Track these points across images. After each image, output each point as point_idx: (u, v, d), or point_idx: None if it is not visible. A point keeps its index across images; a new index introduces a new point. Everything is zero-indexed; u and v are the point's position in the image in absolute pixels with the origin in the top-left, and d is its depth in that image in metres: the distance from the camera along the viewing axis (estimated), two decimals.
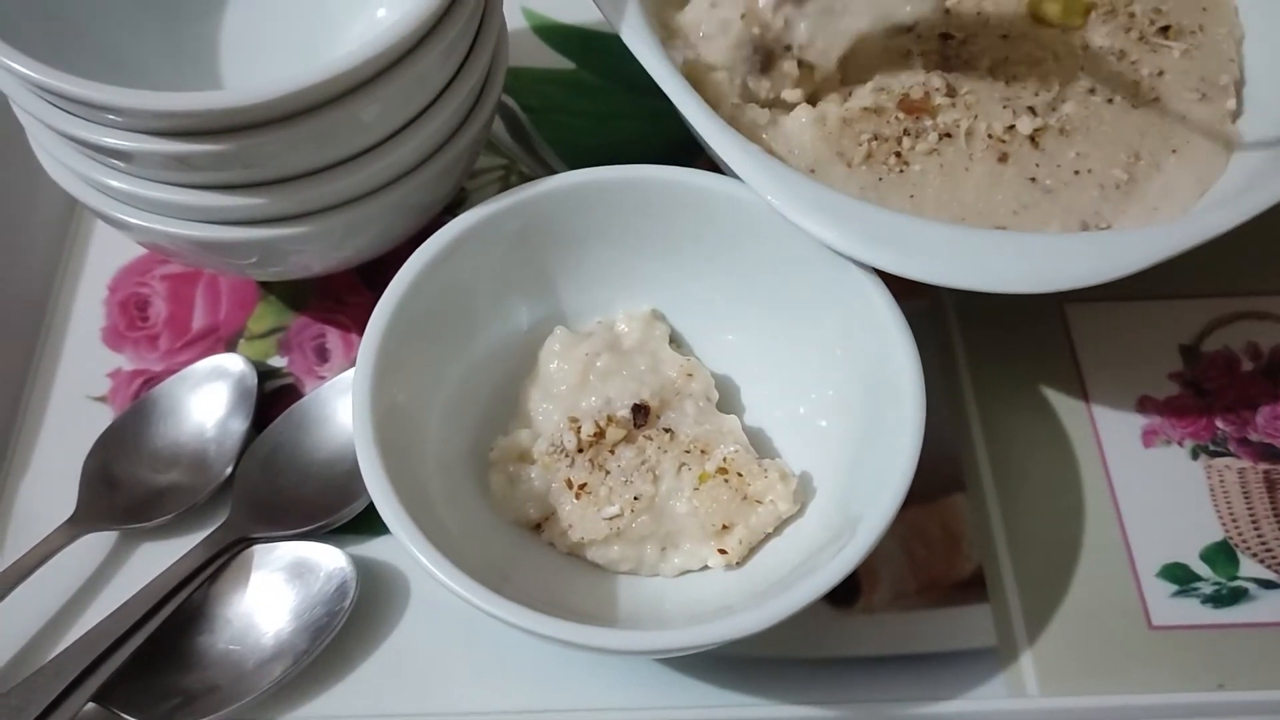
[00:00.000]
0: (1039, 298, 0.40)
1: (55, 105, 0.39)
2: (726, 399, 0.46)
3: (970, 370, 0.49)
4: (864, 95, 0.48)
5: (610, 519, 0.41)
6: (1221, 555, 0.45)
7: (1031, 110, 0.47)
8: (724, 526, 0.41)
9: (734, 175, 0.42)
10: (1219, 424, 0.48)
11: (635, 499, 0.41)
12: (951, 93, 0.48)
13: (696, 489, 0.41)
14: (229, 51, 0.49)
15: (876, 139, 0.46)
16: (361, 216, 0.43)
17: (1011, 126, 0.47)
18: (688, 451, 0.42)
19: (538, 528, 0.43)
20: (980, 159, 0.46)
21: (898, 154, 0.46)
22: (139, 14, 0.47)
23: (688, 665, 0.42)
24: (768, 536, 0.42)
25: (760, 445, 0.44)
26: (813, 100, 0.48)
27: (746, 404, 0.46)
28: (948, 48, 0.50)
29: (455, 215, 0.44)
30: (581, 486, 0.42)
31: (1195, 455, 0.47)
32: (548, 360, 0.45)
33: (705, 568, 0.42)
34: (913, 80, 0.48)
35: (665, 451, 0.42)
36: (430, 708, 0.42)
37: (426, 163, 0.43)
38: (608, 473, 0.42)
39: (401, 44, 0.38)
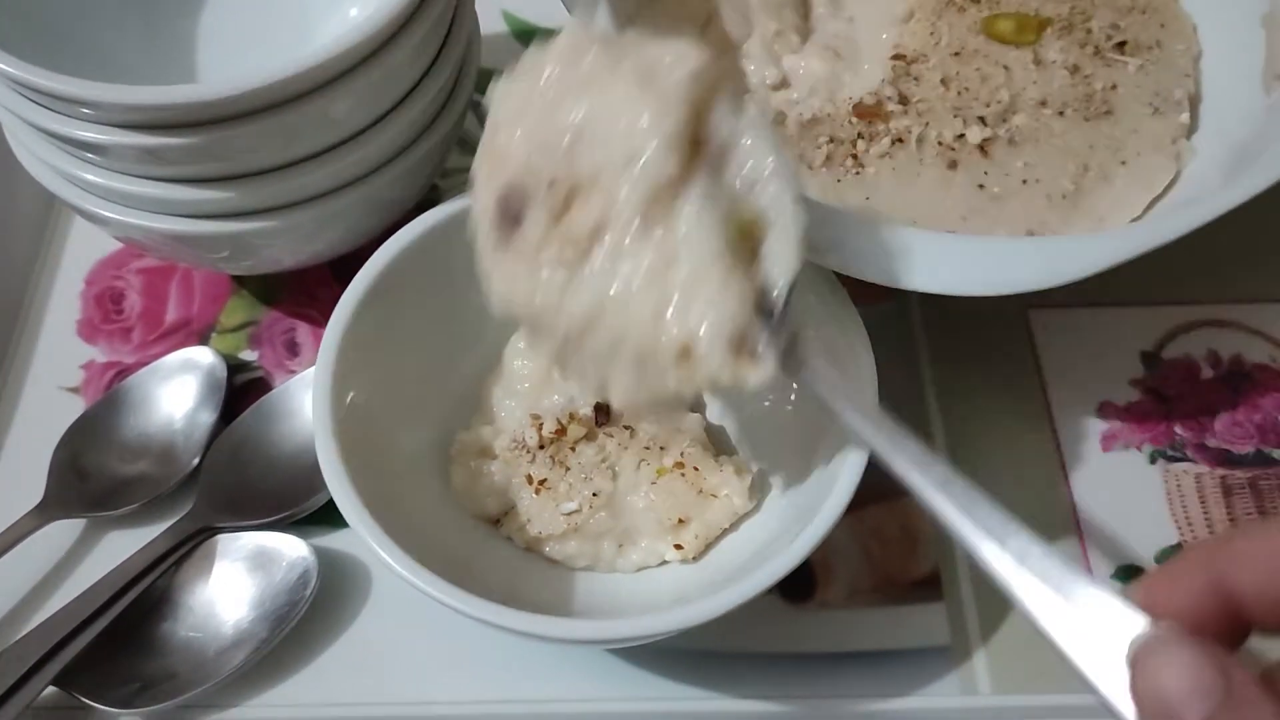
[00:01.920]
0: (1002, 302, 0.41)
1: (30, 99, 0.40)
2: None
3: (933, 372, 0.50)
4: (815, 102, 0.49)
5: (568, 514, 0.41)
6: None
7: (982, 120, 0.48)
8: (680, 521, 0.41)
9: None
10: (1178, 430, 0.48)
11: (594, 495, 0.42)
12: (904, 100, 0.49)
13: (654, 483, 0.42)
14: (208, 49, 0.50)
15: (833, 141, 0.47)
16: (331, 211, 0.43)
17: (961, 135, 0.48)
18: (647, 448, 0.43)
19: (497, 523, 0.43)
20: (931, 164, 0.47)
21: (854, 156, 0.47)
22: (120, 12, 0.48)
23: (645, 658, 0.43)
24: (725, 532, 0.42)
25: (720, 443, 0.45)
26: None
27: (708, 400, 0.47)
28: (897, 67, 0.50)
29: None
30: (541, 482, 0.42)
31: (1153, 460, 0.48)
32: (512, 357, 0.45)
33: (663, 563, 0.42)
34: (864, 89, 0.49)
35: (625, 449, 0.43)
36: (388, 697, 0.42)
37: (396, 159, 0.44)
38: (568, 469, 0.42)
39: (370, 41, 0.39)
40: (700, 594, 0.39)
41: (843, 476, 0.37)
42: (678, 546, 0.41)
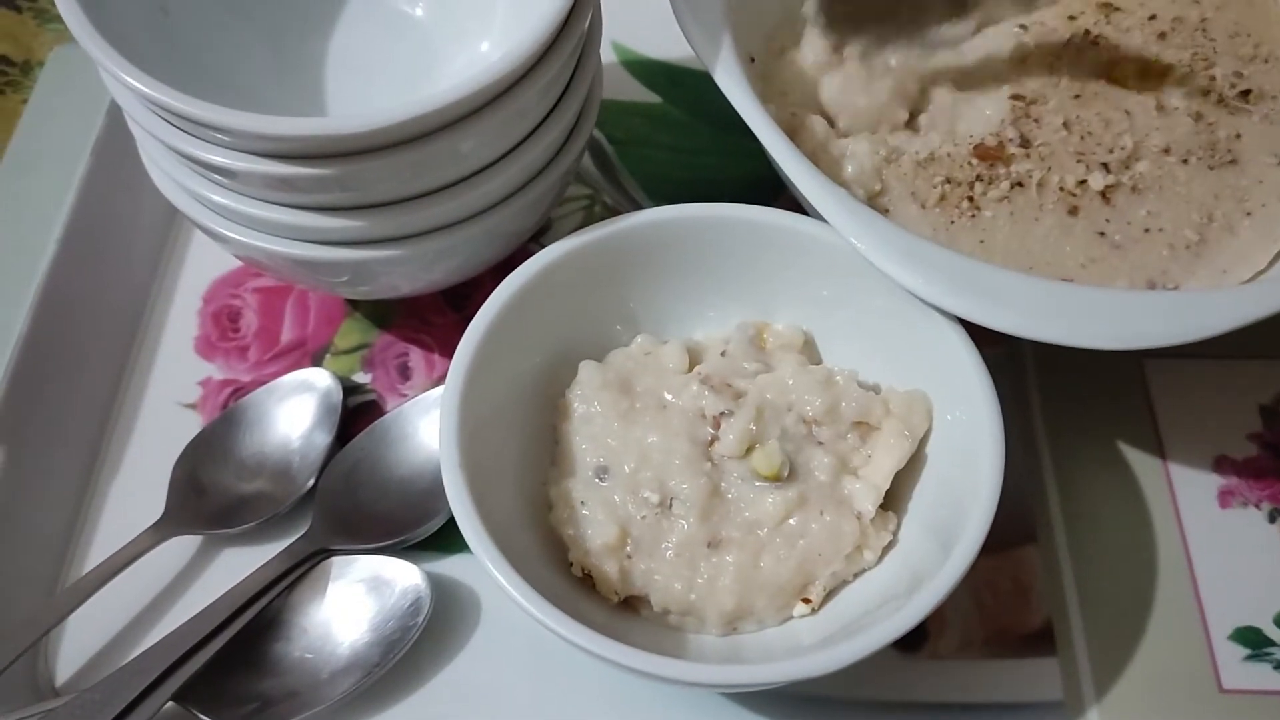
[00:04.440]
0: (1117, 352, 0.40)
1: (168, 121, 0.41)
2: None
3: (1046, 421, 0.49)
4: (934, 139, 0.49)
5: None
6: None
7: (1105, 166, 0.47)
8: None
9: (819, 217, 0.43)
10: None
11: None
12: (1025, 144, 0.48)
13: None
14: (335, 77, 0.51)
15: (949, 182, 0.47)
16: (452, 242, 0.44)
17: (1083, 181, 0.47)
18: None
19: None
20: (1051, 210, 0.46)
21: (970, 198, 0.47)
22: (251, 38, 0.49)
23: (751, 701, 0.43)
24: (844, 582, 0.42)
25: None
26: None
27: None
28: (1016, 108, 0.50)
29: (541, 243, 0.45)
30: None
31: (1273, 519, 0.47)
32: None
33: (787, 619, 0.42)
34: (985, 129, 0.49)
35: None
36: None
37: (518, 193, 0.44)
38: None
39: (502, 81, 0.39)
40: (817, 644, 0.39)
41: (967, 534, 0.37)
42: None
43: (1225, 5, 0.53)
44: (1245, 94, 0.50)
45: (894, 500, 0.43)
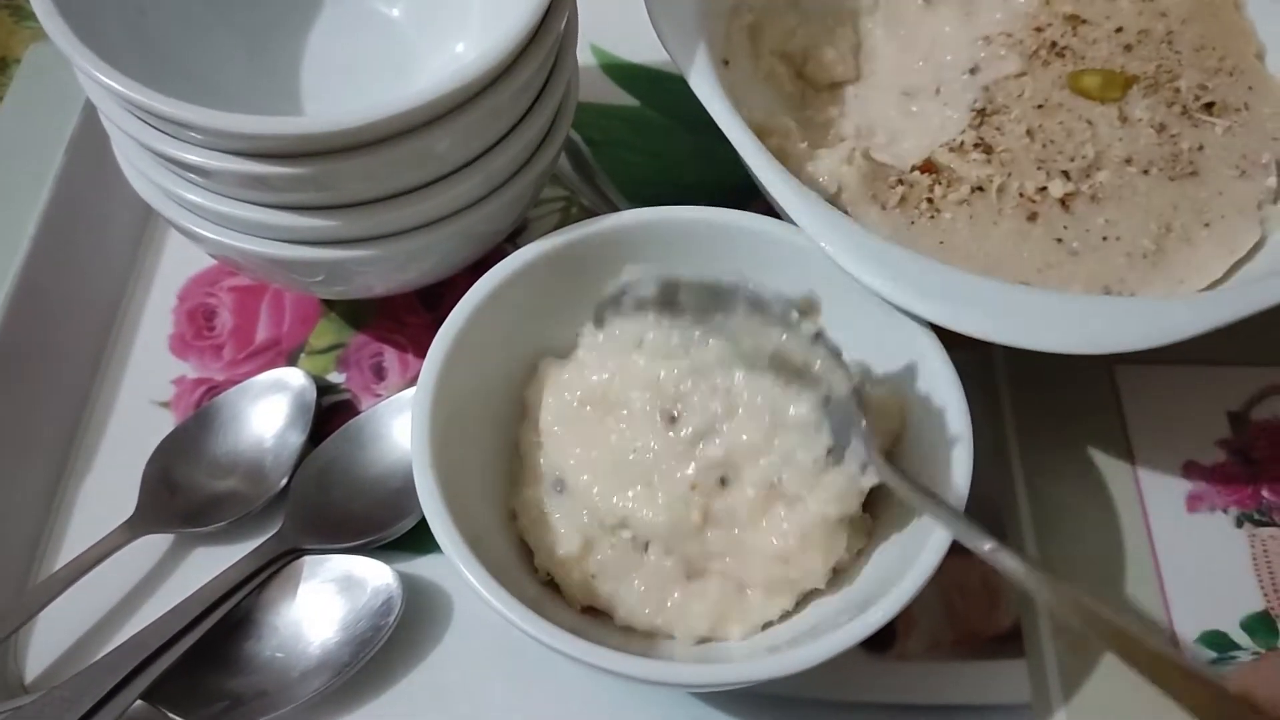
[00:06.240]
0: (1088, 357, 0.41)
1: (142, 120, 0.41)
2: None
3: (1016, 424, 0.50)
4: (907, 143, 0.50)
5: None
6: (1262, 625, 0.45)
7: (1065, 174, 0.48)
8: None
9: (791, 220, 0.43)
10: (1265, 493, 0.48)
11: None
12: (987, 150, 0.49)
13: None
14: (311, 76, 0.51)
15: (903, 182, 0.47)
16: (428, 242, 0.44)
17: (1044, 188, 0.47)
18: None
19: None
20: (1010, 215, 0.47)
21: (929, 200, 0.47)
22: (229, 38, 0.49)
23: (721, 700, 0.43)
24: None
25: None
26: None
27: None
28: (978, 117, 0.50)
29: (516, 244, 0.45)
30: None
31: (1239, 524, 0.47)
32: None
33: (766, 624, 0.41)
34: (950, 134, 0.49)
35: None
36: None
37: (493, 194, 0.44)
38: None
39: (477, 82, 0.39)
40: (786, 643, 0.39)
41: (934, 536, 0.37)
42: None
43: (1192, 18, 0.53)
44: (1209, 106, 0.50)
45: (865, 502, 0.43)
